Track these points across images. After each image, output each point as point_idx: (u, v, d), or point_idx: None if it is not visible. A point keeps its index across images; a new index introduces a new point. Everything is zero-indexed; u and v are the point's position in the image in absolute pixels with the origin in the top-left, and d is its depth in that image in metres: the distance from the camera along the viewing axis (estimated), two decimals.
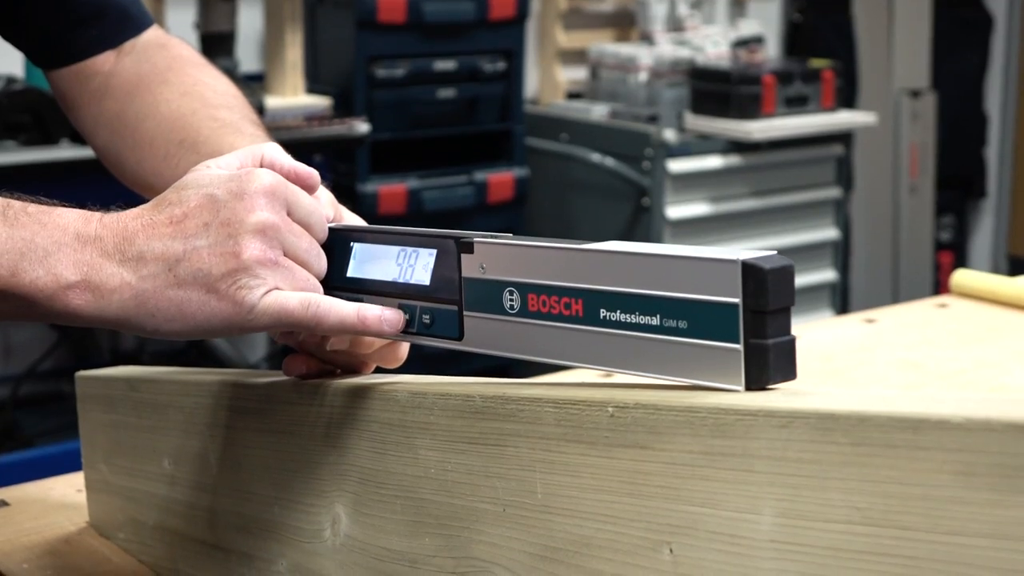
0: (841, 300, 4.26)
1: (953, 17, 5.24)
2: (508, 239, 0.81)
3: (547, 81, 4.14)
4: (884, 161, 5.04)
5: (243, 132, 1.10)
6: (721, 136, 3.80)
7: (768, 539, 0.66)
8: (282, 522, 0.98)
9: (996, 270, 5.20)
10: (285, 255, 0.86)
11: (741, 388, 0.69)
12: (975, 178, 5.46)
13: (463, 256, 0.82)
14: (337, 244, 0.92)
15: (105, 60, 1.17)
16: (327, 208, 0.94)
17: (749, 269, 0.68)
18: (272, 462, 0.98)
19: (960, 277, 1.94)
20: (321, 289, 0.88)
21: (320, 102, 3.42)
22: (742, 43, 4.20)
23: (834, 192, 4.10)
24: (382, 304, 0.88)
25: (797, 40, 4.85)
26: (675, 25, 4.25)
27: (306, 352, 0.96)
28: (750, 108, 3.78)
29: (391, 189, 3.51)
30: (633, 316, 0.74)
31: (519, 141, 3.79)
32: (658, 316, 0.72)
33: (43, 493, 1.31)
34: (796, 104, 3.87)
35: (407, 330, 0.87)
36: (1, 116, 2.85)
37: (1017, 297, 1.83)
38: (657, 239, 3.58)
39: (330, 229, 0.92)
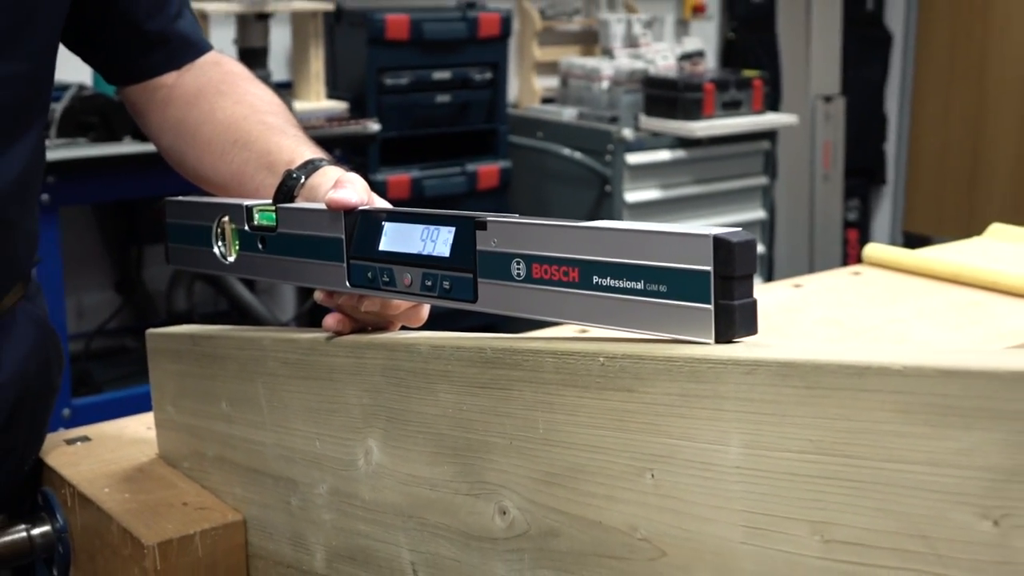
0: (768, 270, 4.27)
1: (859, 35, 5.25)
2: (516, 218, 0.80)
3: (525, 88, 4.12)
4: (802, 155, 5.04)
5: (287, 133, 1.09)
6: (670, 134, 3.80)
7: (735, 466, 0.66)
8: (322, 454, 0.97)
9: (894, 244, 5.21)
10: None
11: (711, 341, 0.68)
12: (876, 168, 5.48)
13: (478, 232, 0.81)
14: (370, 223, 0.90)
15: (168, 77, 1.16)
16: (362, 193, 0.92)
17: (719, 242, 0.68)
18: (313, 404, 0.98)
19: (870, 250, 1.93)
20: None
21: (338, 106, 3.41)
22: (686, 57, 4.18)
23: (762, 180, 4.10)
24: (408, 273, 0.87)
25: (731, 54, 4.84)
26: (631, 42, 4.23)
27: (343, 313, 0.94)
28: (693, 111, 3.77)
29: (397, 178, 3.51)
30: (621, 282, 0.73)
31: (503, 138, 3.79)
32: (642, 281, 0.71)
33: (118, 430, 1.29)
34: (731, 107, 3.87)
35: (430, 293, 0.86)
36: (73, 117, 2.83)
37: (917, 266, 1.84)
38: (618, 219, 3.57)
39: (363, 211, 0.91)
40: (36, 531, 1.18)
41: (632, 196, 3.74)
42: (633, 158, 3.74)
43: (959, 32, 5.17)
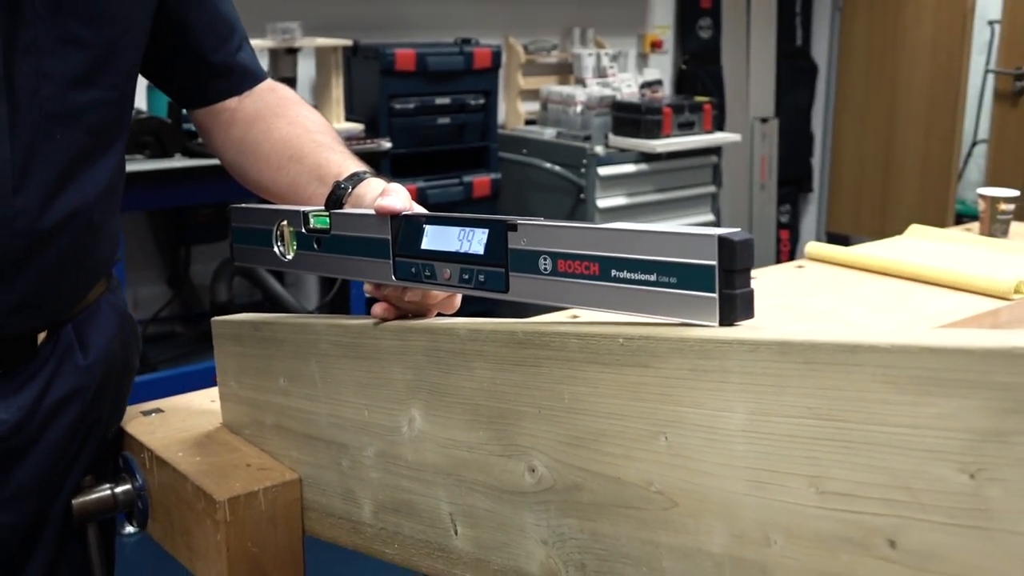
0: None
1: (790, 66, 5.25)
2: (543, 221, 0.79)
3: (512, 112, 4.11)
4: (743, 167, 5.05)
5: (334, 150, 1.08)
6: (634, 150, 3.79)
7: (739, 429, 0.65)
8: (370, 422, 0.96)
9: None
10: None
11: (716, 324, 0.67)
12: (804, 178, 5.48)
13: (509, 233, 0.80)
14: (412, 226, 0.89)
15: (231, 102, 1.15)
16: (405, 201, 0.91)
17: (723, 241, 0.67)
18: (362, 380, 0.96)
19: (811, 247, 1.94)
20: None
21: (355, 127, 3.38)
22: (646, 85, 4.17)
23: (710, 189, 4.10)
24: (447, 268, 0.86)
25: (683, 83, 4.84)
26: (600, 73, 4.22)
27: (388, 302, 0.93)
28: (654, 130, 3.77)
29: (406, 188, 3.48)
30: (636, 274, 0.72)
31: (494, 154, 3.77)
32: (655, 274, 0.70)
33: (187, 403, 1.28)
34: (685, 127, 3.87)
35: (467, 285, 0.85)
36: (132, 137, 2.79)
37: (852, 261, 1.85)
38: (591, 222, 3.57)
39: (406, 216, 0.90)
40: (119, 489, 1.17)
41: (603, 203, 3.74)
42: (604, 170, 3.74)
43: (873, 64, 5.19)
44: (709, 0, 4.88)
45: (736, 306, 0.67)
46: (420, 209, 0.94)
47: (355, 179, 1.02)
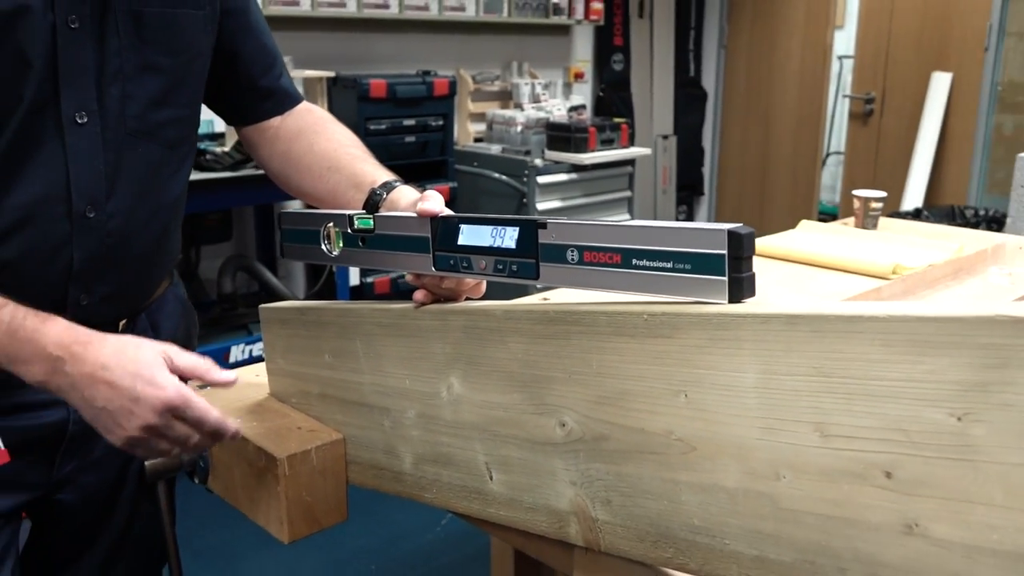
0: None
1: (685, 93, 5.30)
2: (569, 220, 0.78)
3: (463, 131, 4.08)
4: (649, 176, 5.09)
5: (368, 162, 1.06)
6: (566, 162, 3.79)
7: (752, 386, 0.65)
8: (411, 388, 0.94)
9: None
10: (157, 437, 0.83)
11: (726, 302, 0.68)
12: (697, 184, 5.54)
13: (540, 231, 0.79)
14: (449, 225, 0.88)
15: (275, 120, 1.12)
16: (441, 205, 0.90)
17: (732, 234, 0.67)
18: (404, 354, 0.94)
19: None
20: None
21: None
22: (573, 108, 4.18)
23: (627, 193, 4.12)
24: (483, 259, 0.84)
25: (601, 107, 4.85)
26: (535, 99, 4.21)
27: (427, 289, 0.92)
28: (582, 146, 3.77)
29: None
30: (655, 262, 0.71)
31: (451, 166, 3.73)
32: (671, 262, 0.70)
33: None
34: (607, 143, 3.88)
35: (501, 274, 0.83)
36: None
37: (761, 250, 1.87)
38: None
39: (443, 217, 0.89)
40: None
41: (541, 206, 3.72)
42: (542, 179, 3.73)
43: (751, 91, 5.27)
44: (620, 39, 4.90)
45: (743, 287, 0.68)
46: (447, 211, 0.93)
47: (388, 186, 1.01)
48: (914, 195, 4.36)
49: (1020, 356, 0.52)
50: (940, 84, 4.35)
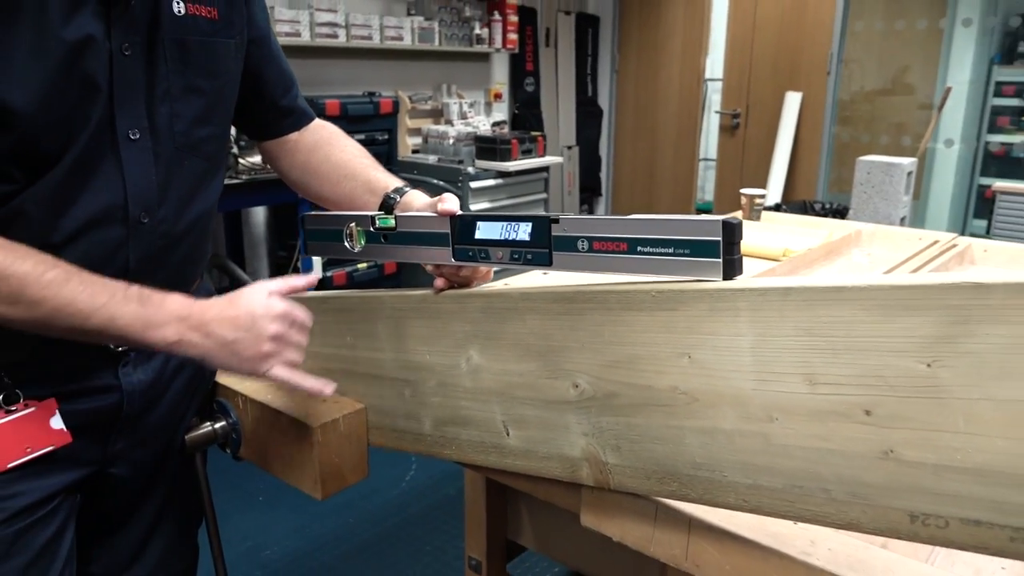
0: None
1: (584, 110, 5.34)
2: (579, 216, 0.78)
3: (403, 144, 4.03)
4: (558, 180, 5.12)
5: (379, 170, 1.05)
6: (493, 169, 3.79)
7: (748, 347, 0.66)
8: (432, 362, 0.93)
9: None
10: (283, 344, 0.85)
11: (720, 280, 0.69)
12: (596, 187, 5.60)
13: (552, 225, 0.79)
14: (466, 222, 0.87)
15: (293, 135, 1.09)
16: (457, 205, 0.89)
17: (725, 223, 0.69)
18: (425, 332, 0.93)
19: None
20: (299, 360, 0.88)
21: None
22: (496, 124, 4.18)
23: (543, 195, 4.14)
24: (500, 250, 0.84)
25: (517, 123, 4.86)
26: (462, 116, 4.20)
27: (445, 277, 0.91)
28: (506, 155, 3.78)
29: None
30: (657, 249, 0.72)
31: (396, 175, 3.68)
32: (672, 248, 0.71)
33: None
34: (527, 153, 3.89)
35: (516, 262, 0.83)
36: None
37: None
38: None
39: (460, 215, 0.88)
40: (217, 426, 1.11)
41: (474, 207, 3.71)
42: (474, 184, 3.72)
43: (639, 109, 5.36)
44: (531, 64, 4.92)
45: (734, 266, 0.70)
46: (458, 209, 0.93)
47: (400, 191, 1.00)
48: (774, 193, 4.54)
49: (979, 313, 0.55)
50: (792, 102, 4.53)
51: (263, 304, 0.84)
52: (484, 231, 0.86)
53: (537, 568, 2.06)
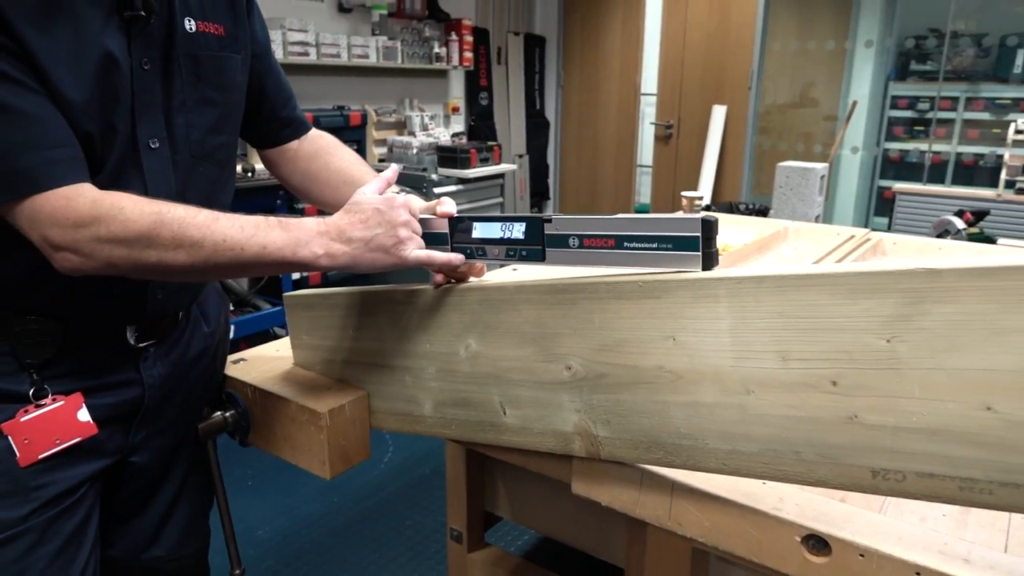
0: None
1: (533, 122, 5.35)
2: (570, 216, 0.78)
3: (370, 154, 3.98)
4: (512, 185, 5.13)
5: (374, 175, 1.04)
6: (454, 176, 3.77)
7: (727, 329, 0.68)
8: (432, 350, 0.93)
9: None
10: (411, 227, 0.83)
11: (700, 271, 0.70)
12: (544, 192, 5.61)
13: (545, 224, 0.80)
14: (464, 223, 0.87)
15: (293, 144, 1.08)
16: (454, 207, 0.89)
17: (704, 221, 0.71)
18: (425, 323, 0.93)
19: None
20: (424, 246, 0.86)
21: None
22: (455, 135, 4.16)
23: (499, 199, 4.13)
24: (496, 248, 0.84)
25: (473, 134, 4.84)
26: (424, 127, 4.17)
27: (443, 273, 0.91)
28: (466, 163, 3.77)
29: (308, 207, 3.32)
30: (642, 244, 0.73)
31: None
32: (656, 244, 0.72)
33: (259, 353, 1.19)
34: (484, 161, 3.89)
35: (512, 258, 0.83)
36: None
37: None
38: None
39: (458, 216, 0.88)
40: (227, 414, 1.09)
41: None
42: (437, 190, 3.69)
43: (583, 121, 5.40)
44: (485, 80, 4.91)
45: (712, 259, 0.71)
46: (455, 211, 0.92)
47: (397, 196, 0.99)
48: (704, 195, 4.63)
49: (932, 295, 0.58)
50: (719, 114, 4.63)
51: (382, 200, 0.82)
52: (481, 231, 0.86)
53: (511, 535, 2.07)
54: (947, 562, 0.65)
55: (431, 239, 0.90)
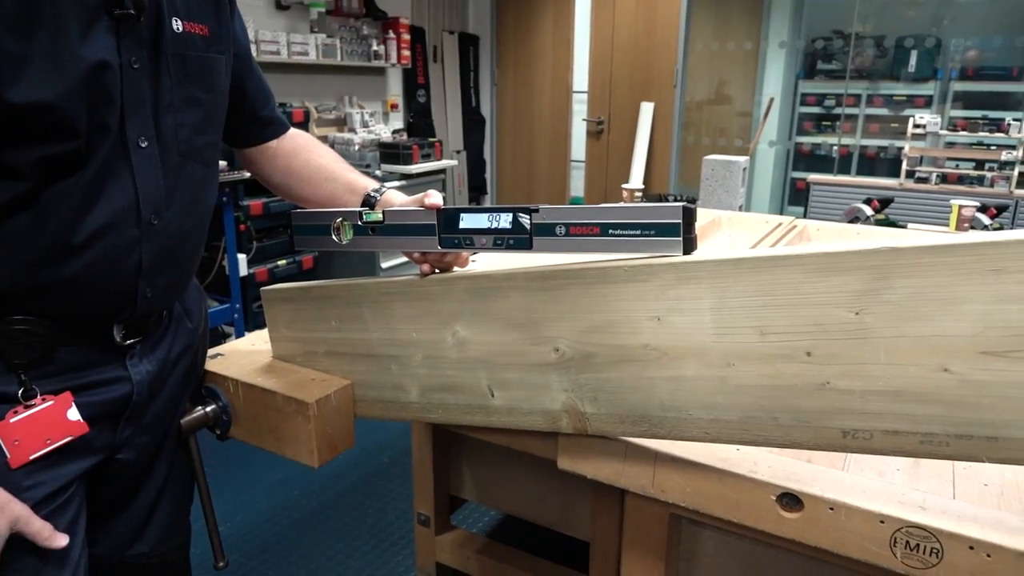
0: None
1: (469, 119, 5.32)
2: (557, 206, 0.79)
3: None
4: (452, 180, 5.11)
5: (356, 172, 1.04)
6: (398, 172, 3.73)
7: (708, 308, 0.71)
8: (419, 339, 0.93)
9: None
10: None
11: (681, 255, 0.73)
12: (482, 186, 5.59)
13: (532, 214, 0.81)
14: (450, 214, 0.87)
15: (273, 142, 1.06)
16: (440, 199, 0.90)
17: (684, 208, 0.74)
18: (411, 313, 0.93)
19: None
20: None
21: (222, 163, 3.02)
22: (395, 132, 4.12)
23: (442, 194, 4.11)
24: (484, 237, 0.85)
25: (412, 130, 4.79)
26: (364, 124, 4.10)
27: (430, 263, 0.92)
28: (408, 159, 3.73)
29: (256, 203, 3.20)
30: (626, 231, 0.75)
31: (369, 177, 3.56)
32: (639, 230, 0.75)
33: (235, 348, 1.16)
34: (426, 157, 3.86)
35: (499, 247, 0.84)
36: None
37: None
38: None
39: (444, 208, 0.89)
40: (208, 409, 1.06)
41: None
42: None
43: (517, 117, 5.42)
44: (423, 78, 4.87)
45: (692, 243, 0.75)
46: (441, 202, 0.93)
47: (379, 191, 1.00)
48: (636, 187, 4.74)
49: (896, 271, 0.63)
50: (647, 110, 4.75)
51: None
52: (468, 221, 0.87)
53: (474, 517, 2.09)
54: (906, 510, 0.71)
55: (418, 230, 0.91)
